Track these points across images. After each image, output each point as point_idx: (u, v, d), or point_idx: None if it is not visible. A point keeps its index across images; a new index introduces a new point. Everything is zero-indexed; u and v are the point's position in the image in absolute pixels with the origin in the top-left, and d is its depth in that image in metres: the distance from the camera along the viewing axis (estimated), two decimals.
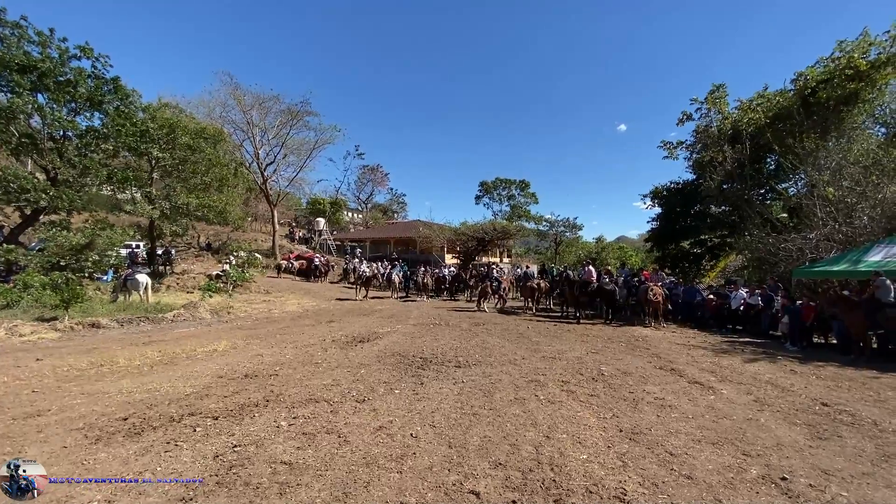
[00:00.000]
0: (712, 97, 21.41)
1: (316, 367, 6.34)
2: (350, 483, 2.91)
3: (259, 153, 29.51)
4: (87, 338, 9.03)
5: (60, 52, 14.21)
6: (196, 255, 26.17)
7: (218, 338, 8.87)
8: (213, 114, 26.95)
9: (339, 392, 5.06)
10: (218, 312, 12.80)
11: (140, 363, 6.59)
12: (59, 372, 6.01)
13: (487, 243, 28.27)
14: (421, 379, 5.70)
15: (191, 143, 17.64)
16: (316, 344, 8.31)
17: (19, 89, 13.20)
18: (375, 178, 57.88)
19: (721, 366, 6.91)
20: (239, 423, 4.03)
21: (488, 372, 6.13)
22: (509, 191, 57.53)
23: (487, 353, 7.52)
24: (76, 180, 14.86)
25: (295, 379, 5.68)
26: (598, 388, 5.41)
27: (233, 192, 20.73)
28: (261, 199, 34.00)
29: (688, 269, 25.28)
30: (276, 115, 29.68)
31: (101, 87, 15.05)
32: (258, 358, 7.02)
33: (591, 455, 3.42)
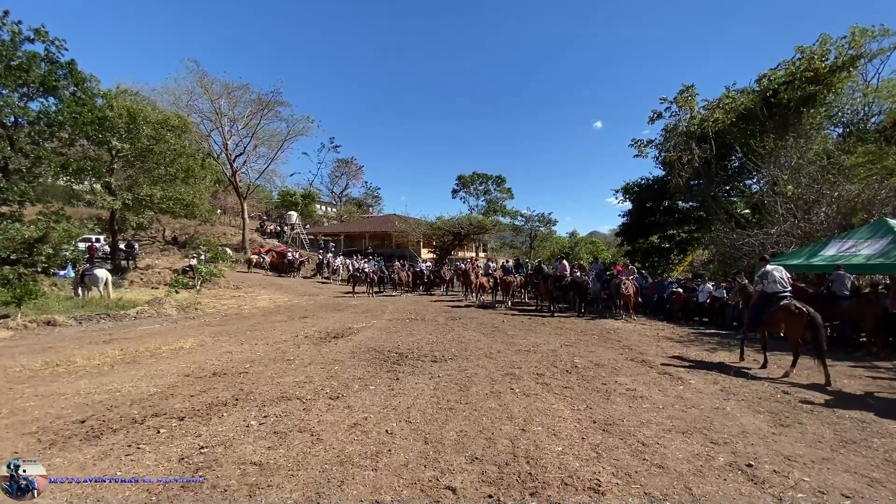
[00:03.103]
0: (682, 97, 22.01)
1: (288, 364, 6.19)
2: (323, 482, 2.83)
3: (228, 144, 28.53)
4: (42, 336, 8.55)
5: (13, 34, 13.28)
6: (161, 250, 25.18)
7: (185, 335, 8.55)
8: (179, 102, 25.85)
9: (313, 389, 4.95)
10: (185, 309, 12.35)
11: (100, 363, 6.27)
12: (11, 373, 5.65)
13: (463, 238, 28.38)
14: (396, 374, 5.64)
15: (153, 132, 16.86)
16: (288, 340, 8.12)
17: None
18: (350, 171, 57.03)
19: (689, 357, 7.13)
20: (206, 424, 3.88)
21: (464, 366, 6.13)
22: (486, 186, 57.70)
23: (463, 347, 7.52)
24: (28, 170, 13.98)
25: (266, 376, 5.52)
26: (572, 380, 5.49)
27: (200, 185, 19.94)
28: (230, 192, 32.90)
29: (657, 263, 26.05)
30: (246, 104, 28.75)
31: (54, 72, 14.15)
32: (227, 355, 6.80)
33: (565, 447, 3.45)
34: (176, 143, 17.74)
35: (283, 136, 30.57)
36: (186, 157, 18.46)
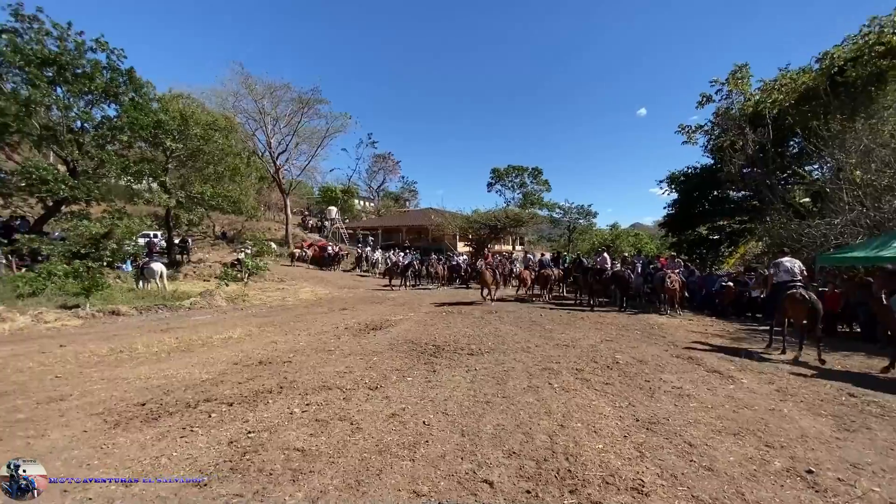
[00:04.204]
0: (734, 78, 20.65)
1: (329, 355, 6.37)
2: (362, 470, 2.89)
3: (271, 142, 29.62)
4: (108, 325, 9.24)
5: (77, 44, 14.31)
6: (212, 245, 26.56)
7: (233, 325, 8.99)
8: (226, 104, 27.06)
9: (352, 379, 5.07)
10: (233, 300, 12.98)
11: (158, 350, 6.70)
12: (81, 358, 6.15)
13: (500, 231, 28.11)
14: (433, 366, 5.68)
15: (203, 133, 17.76)
16: (329, 331, 8.36)
17: (39, 82, 13.37)
18: (387, 167, 57.84)
19: (740, 354, 6.74)
20: (253, 410, 4.06)
21: (501, 360, 6.08)
22: (521, 178, 56.92)
23: (500, 340, 7.47)
24: (94, 171, 15.10)
25: (308, 366, 5.71)
26: (613, 376, 5.32)
27: (246, 182, 20.89)
28: (274, 189, 34.23)
29: (705, 256, 24.78)
30: (288, 103, 29.69)
31: (115, 79, 15.16)
32: (273, 345, 7.09)
33: (606, 445, 3.35)
34: (223, 142, 18.60)
35: (323, 133, 31.42)
36: (233, 156, 19.33)
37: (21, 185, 13.79)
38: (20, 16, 13.49)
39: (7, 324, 8.42)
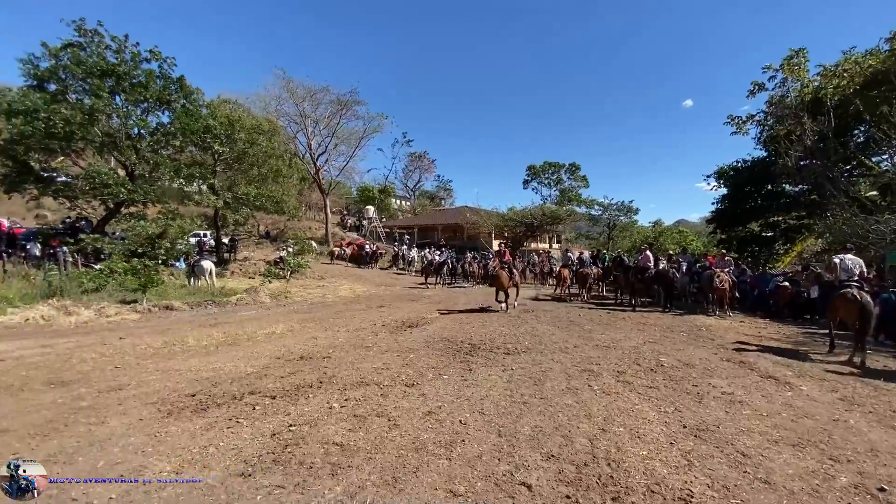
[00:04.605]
0: (789, 64, 19.33)
1: (367, 351, 6.47)
2: (399, 468, 2.91)
3: (311, 144, 30.54)
4: (162, 319, 9.81)
5: (133, 55, 15.29)
6: (256, 243, 27.72)
7: (276, 321, 9.31)
8: (269, 108, 28.15)
9: (389, 376, 5.12)
10: (277, 297, 13.46)
11: (207, 343, 7.04)
12: (138, 350, 6.54)
13: (536, 229, 27.71)
14: (469, 365, 5.65)
15: (248, 137, 18.53)
16: (367, 328, 8.50)
17: (101, 92, 14.39)
18: (422, 166, 58.24)
19: (798, 359, 6.29)
20: (294, 403, 4.17)
21: (538, 360, 5.97)
22: (558, 175, 55.68)
23: (537, 340, 7.34)
24: (150, 175, 16.10)
25: (347, 362, 5.82)
26: (658, 379, 5.10)
27: (288, 183, 21.64)
28: (314, 189, 35.27)
29: (758, 254, 23.39)
30: (327, 105, 30.51)
31: (168, 87, 16.09)
32: (313, 341, 7.28)
33: (651, 451, 3.20)
34: (267, 145, 19.35)
35: (360, 133, 32.09)
36: (276, 159, 20.06)
37: (85, 189, 14.90)
38: (83, 31, 14.54)
39: (73, 317, 9.10)
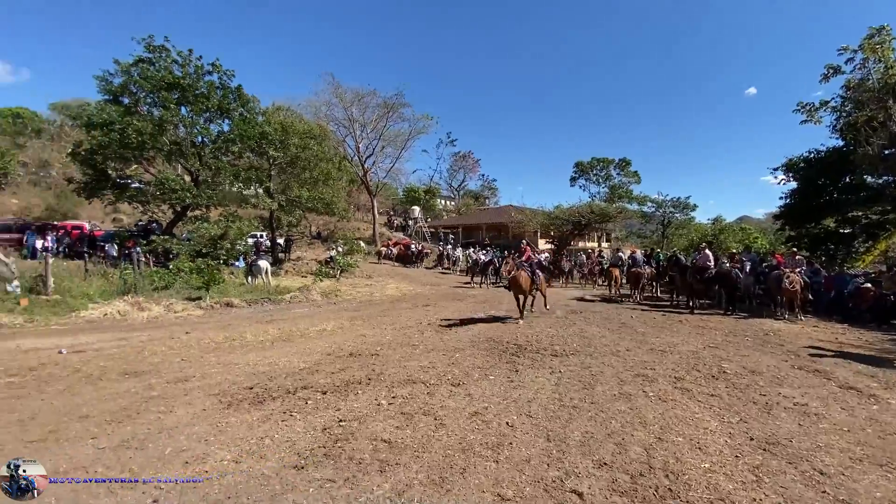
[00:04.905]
0: (870, 43, 17.43)
1: (413, 349, 6.54)
2: (447, 468, 2.90)
3: (359, 147, 31.39)
4: (223, 315, 10.44)
5: (196, 68, 16.41)
6: (308, 243, 28.87)
7: (327, 318, 9.64)
8: (319, 113, 29.24)
9: (435, 374, 5.14)
10: (327, 295, 13.94)
11: (263, 339, 7.41)
12: (202, 344, 7.00)
13: (584, 227, 26.84)
14: (516, 366, 5.56)
15: (300, 142, 19.35)
16: (413, 326, 8.60)
17: (168, 104, 15.56)
18: (467, 165, 58.14)
19: (885, 369, 5.66)
20: (344, 399, 4.29)
21: (588, 363, 5.77)
22: (607, 171, 53.71)
23: (586, 342, 7.10)
24: (212, 180, 17.21)
25: (394, 359, 5.91)
26: (720, 387, 4.77)
27: (337, 185, 22.38)
28: (362, 191, 36.25)
29: (834, 252, 21.36)
30: (374, 109, 31.23)
31: (227, 97, 17.12)
32: (361, 338, 7.46)
33: (714, 464, 2.99)
34: (318, 149, 20.11)
35: (406, 135, 32.59)
36: (326, 162, 20.81)
37: (156, 194, 16.16)
38: (151, 47, 15.76)
39: (145, 313, 9.89)
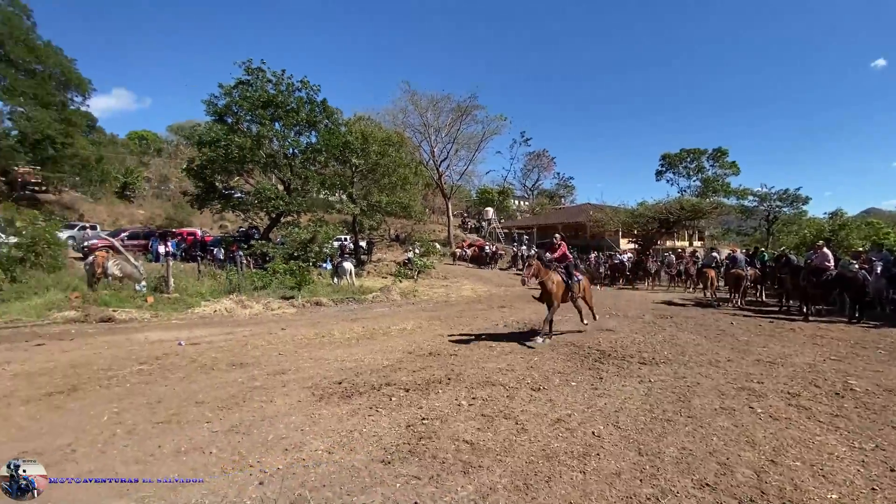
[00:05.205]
0: None
1: (491, 351, 6.53)
2: (531, 474, 2.84)
3: (434, 151, 32.11)
4: (313, 313, 11.24)
5: (288, 86, 17.92)
6: (387, 246, 30.11)
7: (406, 318, 9.97)
8: (396, 120, 30.40)
9: (514, 378, 5.07)
10: (406, 295, 14.43)
11: (349, 336, 7.85)
12: (296, 340, 7.59)
13: (673, 225, 24.87)
14: (599, 373, 5.30)
15: (379, 149, 20.29)
16: (490, 328, 8.59)
17: (264, 120, 17.17)
18: (541, 164, 56.79)
19: None
20: (426, 398, 4.39)
21: (682, 373, 5.32)
22: (698, 162, 49.31)
23: (679, 350, 6.56)
24: (302, 188, 18.66)
25: (472, 360, 5.94)
26: (847, 406, 4.14)
27: (414, 189, 23.14)
28: (437, 194, 37.04)
29: None
30: (448, 113, 31.76)
31: (314, 111, 18.47)
32: (440, 338, 7.60)
33: (844, 495, 2.60)
34: (396, 156, 20.96)
35: (480, 137, 32.68)
36: (403, 167, 21.61)
37: (254, 203, 17.91)
38: (250, 69, 17.47)
39: (247, 310, 10.97)
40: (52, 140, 20.80)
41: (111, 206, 28.90)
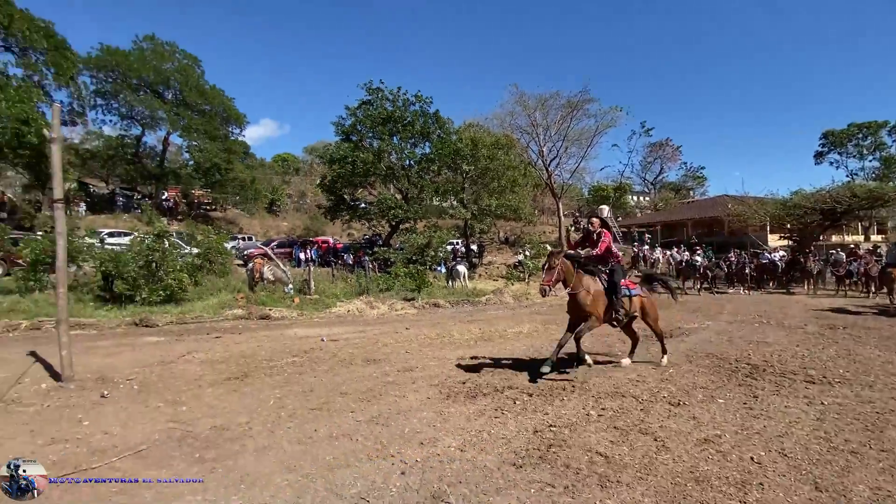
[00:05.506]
0: None
1: (617, 359, 6.15)
2: (679, 497, 2.60)
3: (543, 151, 31.29)
4: (432, 314, 11.80)
5: (404, 101, 19.19)
6: (497, 248, 30.26)
7: (521, 321, 9.90)
8: (504, 123, 30.27)
9: (647, 390, 4.70)
10: (518, 298, 14.35)
11: (468, 338, 8.07)
12: (419, 339, 8.05)
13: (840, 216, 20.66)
14: (753, 390, 4.63)
15: (489, 153, 20.56)
16: (613, 334, 8.06)
17: (383, 135, 18.62)
18: (665, 154, 51.76)
19: None
20: (550, 404, 4.31)
21: (867, 396, 4.39)
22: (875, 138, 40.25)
23: (860, 368, 5.43)
24: (418, 196, 19.79)
25: (596, 368, 5.67)
26: None
27: (523, 191, 22.93)
28: (546, 194, 36.05)
29: None
30: (557, 110, 30.62)
31: (427, 122, 19.47)
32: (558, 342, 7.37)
33: None
34: (504, 159, 21.02)
35: (592, 132, 30.92)
36: (512, 170, 21.58)
37: (377, 212, 19.48)
38: (371, 90, 19.07)
39: (375, 310, 11.94)
40: (218, 167, 25.26)
41: (262, 219, 34.07)
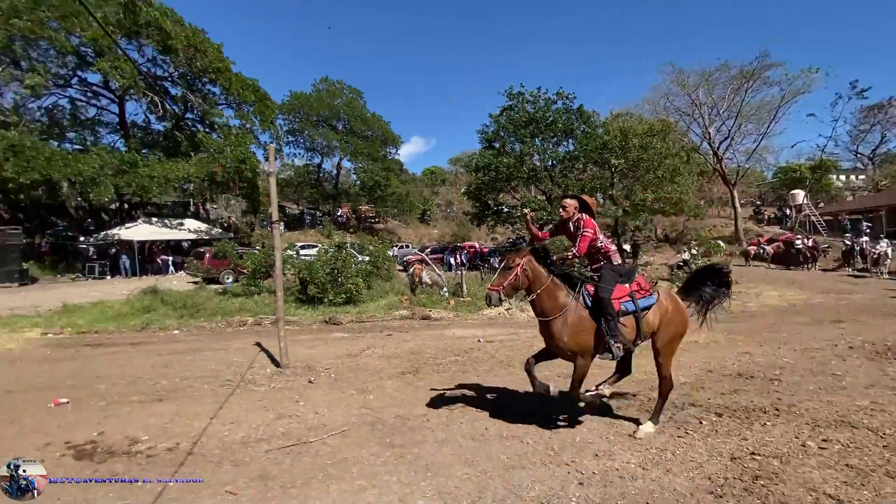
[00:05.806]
0: None
1: (836, 381, 5.00)
2: None
3: (710, 132, 27.29)
4: None
5: (545, 101, 18.85)
6: (655, 247, 27.41)
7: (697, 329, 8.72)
8: (658, 107, 27.47)
9: (890, 422, 3.69)
10: None
11: None
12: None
13: None
14: None
15: (641, 142, 18.78)
16: (824, 349, 6.60)
17: (525, 138, 18.57)
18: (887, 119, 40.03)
19: None
20: (749, 428, 3.71)
21: None
22: None
23: None
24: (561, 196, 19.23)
25: (806, 390, 4.69)
26: None
27: (685, 180, 20.28)
28: (715, 181, 31.26)
29: None
30: (725, 84, 26.48)
31: (570, 119, 18.75)
32: (746, 356, 6.35)
33: None
34: (661, 146, 18.94)
35: (776, 103, 25.81)
36: (671, 158, 19.30)
37: (519, 216, 19.45)
38: (511, 95, 19.19)
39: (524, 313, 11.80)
40: (379, 185, 28.69)
41: (416, 228, 37.38)
